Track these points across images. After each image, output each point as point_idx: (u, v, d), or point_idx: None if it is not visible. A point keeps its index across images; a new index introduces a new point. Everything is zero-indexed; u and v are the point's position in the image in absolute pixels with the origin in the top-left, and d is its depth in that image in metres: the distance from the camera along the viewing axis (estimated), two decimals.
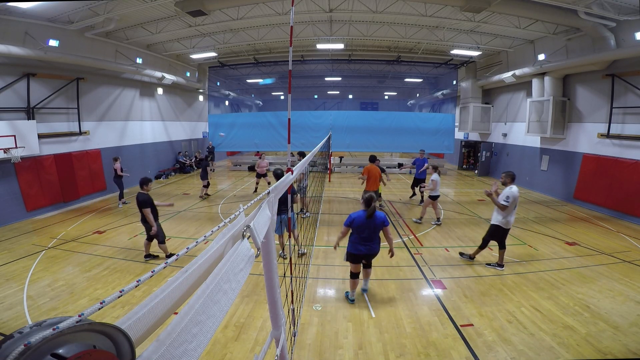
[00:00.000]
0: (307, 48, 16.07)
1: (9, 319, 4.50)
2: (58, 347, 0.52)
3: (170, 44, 14.12)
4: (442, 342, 4.09)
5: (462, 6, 9.59)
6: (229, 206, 10.65)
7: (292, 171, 2.19)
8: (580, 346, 4.00)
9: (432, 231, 8.38)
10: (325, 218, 9.42)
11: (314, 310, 4.77)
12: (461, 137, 19.51)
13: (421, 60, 17.40)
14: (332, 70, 21.68)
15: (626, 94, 9.72)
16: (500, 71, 15.02)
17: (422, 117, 19.99)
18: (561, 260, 6.61)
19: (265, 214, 1.44)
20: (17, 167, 8.85)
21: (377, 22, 12.46)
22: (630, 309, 4.82)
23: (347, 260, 4.90)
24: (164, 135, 16.43)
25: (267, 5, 10.63)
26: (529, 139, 13.92)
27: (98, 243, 7.37)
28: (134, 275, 5.84)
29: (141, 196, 6.08)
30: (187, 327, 0.74)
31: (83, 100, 11.14)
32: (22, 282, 5.53)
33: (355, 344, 4.06)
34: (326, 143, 13.07)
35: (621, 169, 9.63)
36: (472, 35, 13.02)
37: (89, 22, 9.68)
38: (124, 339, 0.62)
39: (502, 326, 4.41)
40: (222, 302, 0.88)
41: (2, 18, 8.28)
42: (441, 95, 22.48)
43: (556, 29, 11.01)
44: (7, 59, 8.54)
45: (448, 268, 6.22)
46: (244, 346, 3.99)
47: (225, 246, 1.08)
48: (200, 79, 19.01)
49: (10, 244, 7.32)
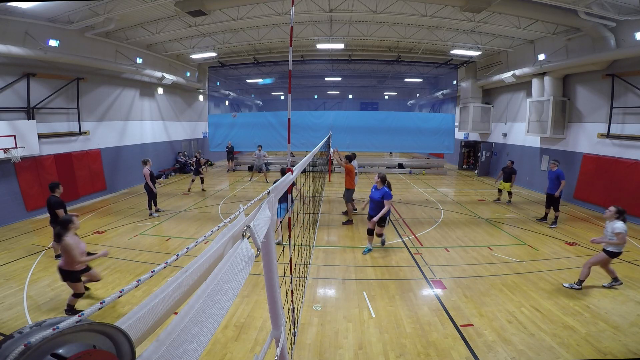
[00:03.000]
0: (307, 48, 16.07)
1: (9, 319, 4.50)
2: (58, 347, 0.52)
3: (170, 44, 14.13)
4: (442, 342, 4.09)
5: (462, 6, 9.59)
6: (229, 206, 10.65)
7: (292, 171, 2.19)
8: (581, 346, 4.00)
9: (432, 231, 8.38)
10: (325, 218, 9.41)
11: (314, 311, 4.77)
12: (461, 137, 19.51)
13: (421, 60, 17.41)
14: (332, 70, 21.69)
15: (626, 94, 9.72)
16: (500, 71, 15.02)
17: (422, 117, 20.01)
18: (561, 260, 6.62)
19: (265, 214, 1.44)
20: (17, 167, 8.85)
21: (377, 22, 12.46)
22: (630, 309, 4.82)
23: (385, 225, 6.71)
24: (164, 135, 16.43)
25: (267, 5, 10.63)
26: (529, 139, 13.92)
27: (98, 243, 7.37)
28: (134, 275, 5.84)
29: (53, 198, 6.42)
30: (187, 327, 0.74)
31: (83, 100, 11.14)
32: (22, 282, 5.53)
33: (355, 344, 4.06)
34: (326, 143, 13.09)
35: (621, 169, 9.63)
36: (472, 35, 13.02)
37: (89, 22, 9.68)
38: (124, 339, 0.62)
39: (502, 326, 4.41)
40: (222, 302, 0.88)
41: (2, 18, 8.28)
42: (441, 95, 22.48)
43: (556, 29, 11.02)
44: (7, 59, 8.54)
45: (448, 268, 6.22)
46: (244, 346, 3.99)
47: (225, 246, 1.08)
48: (200, 79, 19.01)
49: (10, 244, 7.32)
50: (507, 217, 9.77)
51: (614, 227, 5.21)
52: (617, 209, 5.34)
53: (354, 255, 6.85)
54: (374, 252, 6.93)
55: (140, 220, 9.13)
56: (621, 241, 5.08)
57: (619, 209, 5.33)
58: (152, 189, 9.30)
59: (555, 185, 8.63)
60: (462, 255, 6.87)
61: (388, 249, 7.16)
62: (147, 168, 9.30)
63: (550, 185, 8.80)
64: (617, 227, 5.16)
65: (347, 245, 7.36)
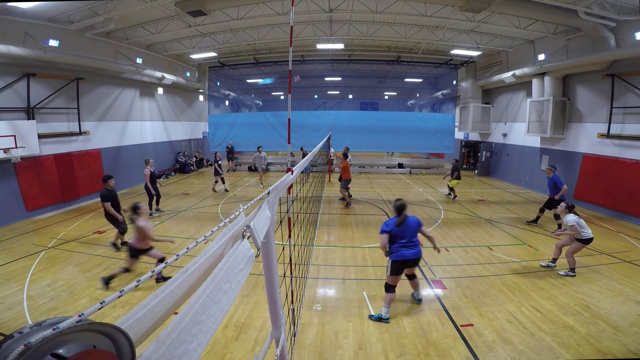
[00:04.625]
0: (307, 48, 16.07)
1: (9, 319, 4.50)
2: (58, 347, 0.52)
3: (170, 44, 14.13)
4: (442, 342, 4.09)
5: (462, 6, 9.59)
6: (229, 206, 10.65)
7: (292, 171, 2.19)
8: (581, 346, 4.00)
9: (432, 231, 8.36)
10: (325, 218, 9.41)
11: (314, 311, 4.77)
12: (461, 137, 19.50)
13: (421, 60, 17.41)
14: (332, 70, 21.69)
15: (626, 94, 9.72)
16: (500, 71, 15.02)
17: (422, 117, 20.01)
18: (561, 260, 6.61)
19: (265, 214, 1.44)
20: (17, 167, 8.85)
21: (377, 22, 12.46)
22: (630, 309, 4.82)
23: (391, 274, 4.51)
24: (164, 135, 16.43)
25: (267, 5, 10.63)
26: (529, 139, 13.92)
27: (98, 243, 7.37)
28: (134, 276, 5.83)
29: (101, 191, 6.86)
30: (187, 327, 0.74)
31: (83, 100, 11.14)
32: (22, 282, 5.53)
33: (355, 344, 4.06)
34: (326, 143, 13.11)
35: (621, 169, 9.63)
36: (472, 35, 13.02)
37: (89, 22, 9.68)
38: (124, 339, 0.62)
39: (502, 326, 4.40)
40: (222, 302, 0.88)
41: (2, 18, 8.28)
42: (441, 95, 22.48)
43: (556, 29, 11.01)
44: (7, 59, 8.54)
45: (448, 268, 6.22)
46: (244, 346, 3.99)
47: (225, 246, 1.08)
48: (200, 78, 19.01)
49: (10, 244, 7.32)
50: (506, 217, 9.76)
51: (566, 220, 5.85)
52: (567, 204, 6.04)
53: (354, 254, 6.85)
54: (374, 252, 6.94)
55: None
56: (575, 232, 5.68)
57: (568, 204, 6.03)
58: (151, 189, 9.31)
59: (554, 191, 8.57)
60: (462, 255, 6.87)
61: None
62: (147, 168, 9.32)
63: (551, 191, 8.75)
64: (569, 220, 5.81)
65: (347, 245, 7.35)
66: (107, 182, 6.85)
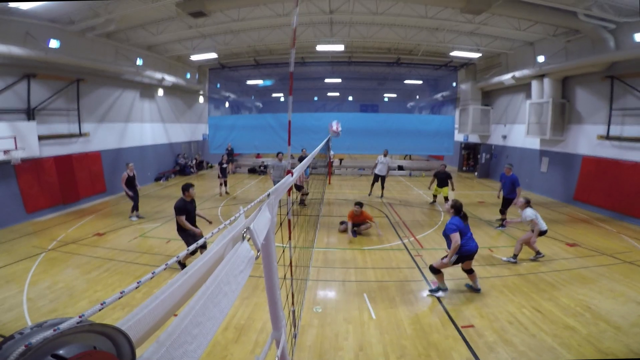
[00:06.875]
0: (307, 50, 16.08)
1: (9, 320, 4.49)
2: (59, 348, 0.52)
3: (170, 45, 14.15)
4: (443, 343, 4.08)
5: (463, 8, 9.60)
6: (229, 208, 10.64)
7: (291, 173, 2.19)
8: (582, 347, 3.99)
9: (432, 233, 8.38)
10: (325, 220, 9.40)
11: (314, 312, 4.76)
12: (461, 139, 19.50)
13: (421, 62, 17.43)
14: (332, 72, 21.72)
15: (625, 96, 9.72)
16: (500, 73, 15.03)
17: (422, 119, 20.01)
18: (562, 261, 6.61)
19: (265, 216, 1.44)
20: (17, 168, 8.84)
21: (378, 24, 12.49)
22: (631, 309, 4.81)
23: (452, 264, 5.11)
24: (164, 137, 16.43)
25: (267, 6, 10.66)
26: (529, 141, 13.92)
27: (98, 245, 7.36)
28: (134, 277, 5.83)
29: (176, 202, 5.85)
30: (187, 329, 0.74)
31: (83, 101, 11.15)
32: (22, 284, 5.52)
33: (356, 346, 4.05)
34: (326, 145, 13.10)
35: (621, 170, 9.63)
36: (472, 37, 13.05)
37: (90, 23, 9.70)
38: (124, 340, 0.62)
39: (503, 327, 4.40)
40: (222, 303, 0.88)
41: (2, 18, 8.28)
42: (441, 97, 22.47)
43: (556, 31, 11.04)
44: (8, 60, 8.52)
45: (448, 269, 6.20)
46: (244, 348, 3.98)
47: (225, 248, 1.08)
48: (200, 80, 19.03)
49: (10, 245, 7.31)
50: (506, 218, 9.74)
51: (525, 215, 6.22)
52: (526, 200, 6.42)
53: (354, 256, 6.84)
54: (374, 254, 6.93)
55: (140, 222, 9.12)
56: (533, 225, 6.15)
57: (527, 199, 6.42)
58: (127, 192, 8.94)
59: (511, 190, 8.55)
60: None
61: (388, 250, 7.16)
62: (126, 172, 8.93)
63: (506, 190, 8.73)
64: (528, 214, 6.17)
65: (347, 247, 7.35)
66: (187, 191, 5.80)
